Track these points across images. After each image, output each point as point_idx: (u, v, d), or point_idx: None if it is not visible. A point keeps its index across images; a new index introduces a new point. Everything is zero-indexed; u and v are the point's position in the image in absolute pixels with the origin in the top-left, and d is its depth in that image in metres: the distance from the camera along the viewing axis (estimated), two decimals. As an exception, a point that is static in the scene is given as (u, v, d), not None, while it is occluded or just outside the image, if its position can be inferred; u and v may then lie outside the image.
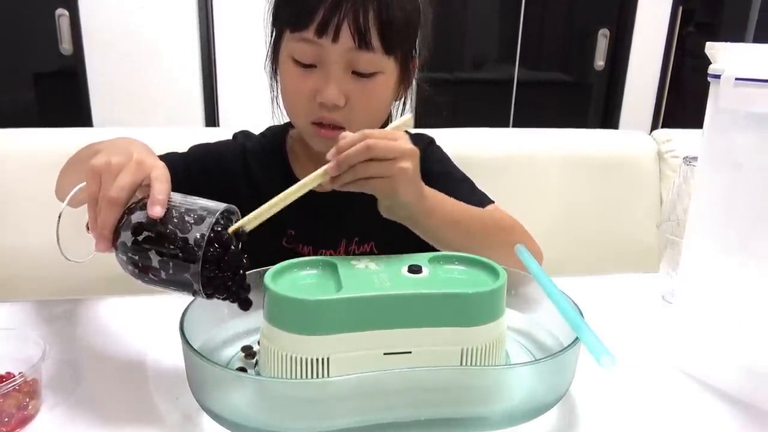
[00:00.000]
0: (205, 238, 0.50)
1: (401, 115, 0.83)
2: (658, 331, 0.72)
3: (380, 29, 0.68)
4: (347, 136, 0.58)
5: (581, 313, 0.53)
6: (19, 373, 0.52)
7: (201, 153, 0.84)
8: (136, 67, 2.09)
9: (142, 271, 0.51)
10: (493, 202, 0.82)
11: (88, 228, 0.54)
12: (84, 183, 0.54)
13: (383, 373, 0.49)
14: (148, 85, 2.11)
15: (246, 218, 0.55)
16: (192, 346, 0.50)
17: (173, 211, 0.51)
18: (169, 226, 0.50)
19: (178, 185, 0.54)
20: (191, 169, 0.81)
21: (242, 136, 0.87)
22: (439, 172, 0.84)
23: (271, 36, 0.77)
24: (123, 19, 2.05)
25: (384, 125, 0.81)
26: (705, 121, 0.60)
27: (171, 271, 0.50)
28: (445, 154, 0.91)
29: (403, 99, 0.81)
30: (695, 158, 0.82)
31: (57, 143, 1.16)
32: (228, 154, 0.84)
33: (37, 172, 1.11)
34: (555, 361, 0.51)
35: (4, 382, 0.51)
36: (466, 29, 2.56)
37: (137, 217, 0.51)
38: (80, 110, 2.11)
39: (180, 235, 0.50)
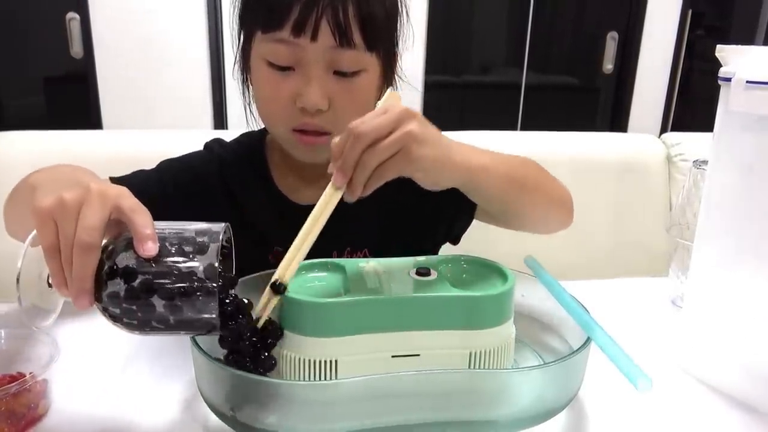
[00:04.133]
0: (218, 266, 0.43)
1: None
2: (667, 336, 0.72)
3: (361, 24, 0.63)
4: (334, 142, 0.52)
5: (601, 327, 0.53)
6: (30, 374, 0.52)
7: (174, 169, 0.77)
8: (145, 70, 2.10)
9: (143, 321, 0.44)
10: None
11: (50, 283, 0.45)
12: (34, 231, 0.44)
13: (391, 376, 0.49)
14: (158, 88, 2.12)
15: (280, 269, 0.50)
16: (200, 347, 0.50)
17: (166, 243, 0.43)
18: (168, 262, 0.43)
19: (152, 206, 0.46)
20: (166, 188, 0.74)
21: (217, 146, 0.80)
22: None
23: (239, 39, 0.70)
24: (133, 23, 2.06)
25: None
26: (715, 124, 0.60)
27: (184, 314, 0.43)
28: None
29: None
30: (705, 162, 0.81)
31: (67, 145, 1.17)
32: (203, 168, 0.77)
33: (47, 174, 1.12)
34: (564, 365, 0.51)
35: (14, 382, 0.51)
36: (474, 32, 2.56)
37: (123, 259, 0.43)
38: (90, 113, 2.13)
39: (184, 269, 0.43)
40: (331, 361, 0.50)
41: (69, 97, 2.26)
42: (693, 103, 2.63)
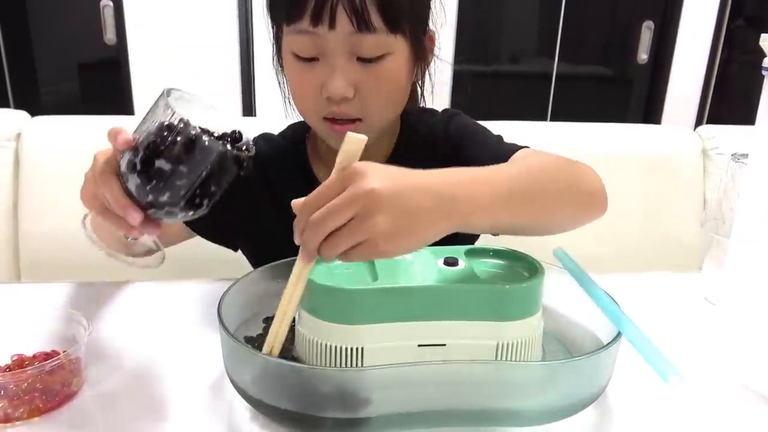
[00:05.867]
0: (174, 112, 0.49)
1: (432, 92, 0.76)
2: (700, 333, 0.70)
3: (380, 6, 0.62)
4: (296, 209, 0.47)
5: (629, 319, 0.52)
6: (64, 352, 0.54)
7: None
8: (177, 57, 2.13)
9: (173, 189, 0.49)
10: (527, 147, 0.73)
11: (126, 237, 0.55)
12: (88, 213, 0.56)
13: (417, 365, 0.49)
14: (189, 75, 2.15)
15: (267, 344, 0.51)
16: (228, 330, 0.50)
17: (138, 134, 0.51)
18: (143, 138, 0.50)
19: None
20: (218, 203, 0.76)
21: (262, 142, 0.82)
22: (462, 136, 0.79)
23: (272, 32, 0.72)
24: (166, 10, 2.08)
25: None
26: (758, 116, 0.58)
27: (187, 159, 0.49)
28: (473, 124, 0.83)
29: (422, 78, 0.74)
30: (744, 155, 0.79)
31: (99, 130, 1.19)
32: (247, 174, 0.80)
33: (81, 158, 1.14)
34: (592, 359, 0.50)
35: (49, 359, 0.53)
36: (504, 21, 2.52)
37: (124, 164, 0.50)
38: (123, 99, 2.17)
39: (154, 129, 0.49)
40: (357, 349, 0.50)
41: (102, 83, 2.30)
42: (730, 96, 2.55)
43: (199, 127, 0.49)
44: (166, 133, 0.49)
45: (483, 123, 1.25)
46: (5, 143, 1.13)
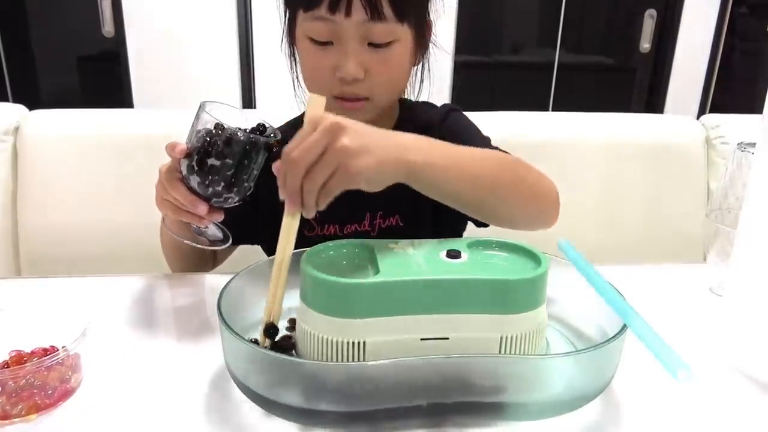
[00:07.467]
0: (212, 122, 0.60)
1: (420, 82, 0.82)
2: (706, 324, 0.69)
3: None
4: (275, 167, 0.54)
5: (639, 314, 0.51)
6: (63, 347, 0.53)
7: None
8: (175, 49, 2.11)
9: (225, 178, 0.60)
10: (507, 153, 0.77)
11: (195, 227, 0.66)
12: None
13: (420, 359, 0.48)
14: (187, 67, 2.13)
15: (266, 313, 0.54)
16: (228, 324, 0.50)
17: (189, 143, 0.61)
18: (193, 142, 0.61)
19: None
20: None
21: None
22: (456, 132, 0.80)
23: (285, 17, 0.78)
24: (163, 3, 2.07)
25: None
26: (766, 104, 0.57)
27: (227, 151, 0.59)
28: (467, 121, 0.88)
29: (420, 63, 0.81)
30: (750, 144, 0.78)
31: (98, 123, 1.18)
32: None
33: (79, 152, 1.13)
34: (597, 352, 0.49)
35: (48, 355, 0.52)
36: (506, 11, 2.50)
37: (184, 169, 0.61)
38: (122, 92, 2.16)
39: (203, 132, 0.60)
40: (358, 343, 0.49)
41: (101, 76, 2.29)
42: (733, 85, 2.52)
43: (232, 127, 0.60)
44: (209, 138, 0.60)
45: (484, 114, 1.24)
46: (3, 137, 1.12)
